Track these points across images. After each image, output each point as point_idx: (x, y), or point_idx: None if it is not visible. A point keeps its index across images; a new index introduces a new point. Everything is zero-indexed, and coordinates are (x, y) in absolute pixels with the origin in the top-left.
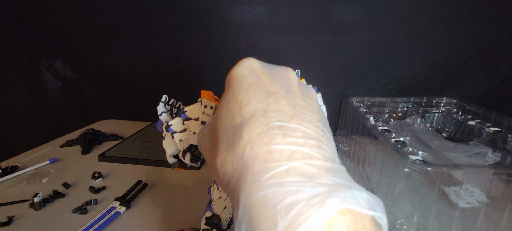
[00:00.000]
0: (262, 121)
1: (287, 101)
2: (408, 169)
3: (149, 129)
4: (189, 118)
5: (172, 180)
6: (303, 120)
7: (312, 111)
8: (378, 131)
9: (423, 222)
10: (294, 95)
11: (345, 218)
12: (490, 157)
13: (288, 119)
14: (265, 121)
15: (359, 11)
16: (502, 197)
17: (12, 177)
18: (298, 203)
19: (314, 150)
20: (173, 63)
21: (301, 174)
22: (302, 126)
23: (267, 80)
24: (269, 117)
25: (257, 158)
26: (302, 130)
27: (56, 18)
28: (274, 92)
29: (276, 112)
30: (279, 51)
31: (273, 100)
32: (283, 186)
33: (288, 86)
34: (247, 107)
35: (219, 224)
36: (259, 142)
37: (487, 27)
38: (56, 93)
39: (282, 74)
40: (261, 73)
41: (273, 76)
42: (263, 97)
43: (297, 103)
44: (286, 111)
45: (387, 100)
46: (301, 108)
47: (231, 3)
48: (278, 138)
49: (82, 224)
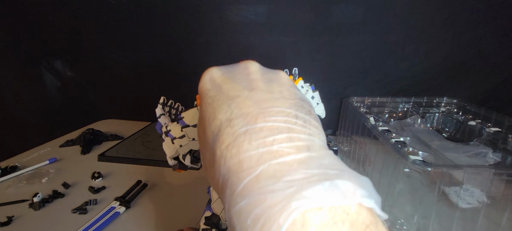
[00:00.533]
0: (228, 132)
1: (250, 101)
2: (409, 169)
3: (149, 129)
4: (187, 125)
5: (172, 180)
6: (270, 114)
7: (281, 99)
8: (378, 131)
9: (423, 223)
10: (257, 90)
11: (321, 212)
12: (490, 157)
13: (253, 120)
14: (231, 131)
15: (360, 11)
16: (503, 198)
17: (12, 177)
18: (264, 212)
19: (284, 145)
20: (173, 63)
21: (271, 176)
22: (269, 123)
23: (227, 87)
24: (234, 125)
25: (231, 170)
26: (268, 127)
27: (56, 18)
28: (236, 97)
29: (240, 117)
30: (279, 51)
31: (235, 106)
32: (254, 195)
33: (249, 84)
34: (214, 122)
35: (219, 224)
36: (229, 154)
37: (487, 27)
38: (56, 93)
39: (242, 72)
40: (221, 81)
41: (234, 80)
42: (226, 106)
43: (262, 98)
44: (249, 113)
45: (387, 100)
46: (266, 101)
47: (230, 2)
48: (245, 145)
49: (82, 224)
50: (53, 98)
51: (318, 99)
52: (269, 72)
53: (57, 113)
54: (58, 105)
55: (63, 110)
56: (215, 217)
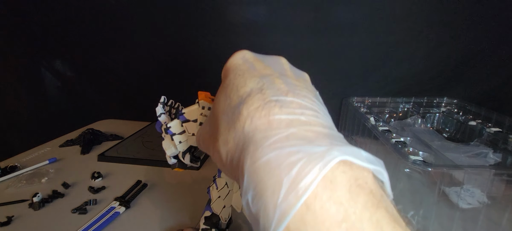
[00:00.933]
0: (259, 97)
1: (282, 81)
2: (409, 170)
3: (149, 128)
4: (188, 120)
5: (172, 180)
6: (298, 95)
7: (306, 90)
8: (378, 131)
9: (424, 223)
10: (287, 77)
11: (348, 174)
12: (491, 157)
13: (284, 94)
14: (262, 97)
15: (360, 11)
16: (503, 198)
17: (11, 176)
18: (300, 160)
19: (312, 118)
20: (173, 63)
21: (301, 138)
22: (298, 99)
23: (260, 66)
24: (265, 93)
25: (257, 129)
26: (298, 102)
27: (56, 18)
28: (268, 75)
29: (272, 89)
30: (279, 52)
31: (268, 81)
32: (285, 148)
33: (281, 70)
34: (243, 88)
35: (218, 224)
36: (258, 114)
37: (488, 27)
38: (55, 93)
39: (275, 60)
40: (254, 61)
41: (266, 63)
42: (258, 79)
43: (292, 83)
44: (281, 88)
45: (387, 100)
46: (295, 86)
47: (231, 3)
48: (276, 109)
49: (82, 224)
50: (53, 98)
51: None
52: (296, 70)
53: (57, 113)
54: (58, 105)
55: (63, 110)
56: (215, 217)
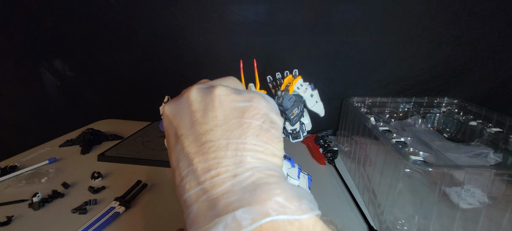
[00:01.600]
0: (177, 173)
1: (190, 139)
2: (409, 170)
3: (149, 129)
4: None
5: (172, 180)
6: (203, 151)
7: (214, 129)
8: (379, 131)
9: (424, 223)
10: (195, 124)
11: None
12: (491, 157)
13: (191, 161)
14: (179, 172)
15: (360, 11)
16: (504, 198)
17: (11, 176)
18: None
19: (214, 180)
20: (173, 63)
21: (203, 212)
22: (201, 163)
23: (176, 124)
24: (180, 167)
25: (183, 206)
26: (202, 167)
27: (56, 18)
28: (180, 135)
29: (184, 159)
30: (279, 51)
31: (180, 147)
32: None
33: (189, 117)
34: (171, 161)
35: None
36: (179, 193)
37: (488, 27)
38: (55, 93)
39: (185, 105)
40: (172, 119)
41: (179, 115)
42: (175, 145)
43: (198, 133)
44: (189, 153)
45: (388, 100)
46: (202, 136)
47: (231, 2)
48: (187, 186)
49: (82, 224)
50: (53, 98)
51: (317, 98)
52: (207, 95)
53: (57, 113)
54: (58, 105)
55: (63, 110)
56: None
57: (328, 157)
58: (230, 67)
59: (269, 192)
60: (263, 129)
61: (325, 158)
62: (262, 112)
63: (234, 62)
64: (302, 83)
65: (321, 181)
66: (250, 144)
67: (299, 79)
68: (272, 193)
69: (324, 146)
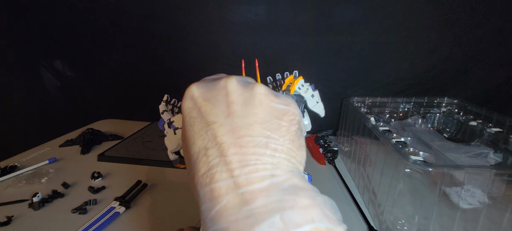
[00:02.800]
0: (204, 161)
1: (225, 129)
2: (409, 170)
3: (149, 128)
4: None
5: (172, 180)
6: (240, 144)
7: (254, 125)
8: (379, 131)
9: (424, 223)
10: (233, 116)
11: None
12: (491, 157)
13: (225, 151)
14: (206, 160)
15: (360, 11)
16: (504, 198)
17: (11, 176)
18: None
19: (251, 176)
20: (173, 63)
21: (235, 205)
22: (237, 155)
23: (206, 109)
24: (209, 155)
25: (205, 197)
26: (237, 159)
27: (56, 18)
28: (212, 123)
29: (215, 147)
30: (279, 51)
31: (211, 134)
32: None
33: (226, 107)
34: (193, 147)
35: None
36: (204, 182)
37: (488, 27)
38: (55, 93)
39: (221, 92)
40: (201, 103)
41: (212, 101)
42: (204, 132)
43: (236, 125)
44: (223, 143)
45: (388, 100)
46: (239, 129)
47: (231, 2)
48: (216, 175)
49: (82, 224)
50: (53, 98)
51: (317, 98)
52: (247, 90)
53: (57, 114)
54: (58, 105)
55: (63, 110)
56: None
57: (328, 157)
58: (230, 67)
59: (312, 199)
60: (297, 135)
61: (325, 158)
62: (298, 119)
63: (235, 62)
64: (303, 83)
65: (321, 181)
66: (286, 148)
67: (300, 80)
68: (315, 200)
69: (324, 146)
